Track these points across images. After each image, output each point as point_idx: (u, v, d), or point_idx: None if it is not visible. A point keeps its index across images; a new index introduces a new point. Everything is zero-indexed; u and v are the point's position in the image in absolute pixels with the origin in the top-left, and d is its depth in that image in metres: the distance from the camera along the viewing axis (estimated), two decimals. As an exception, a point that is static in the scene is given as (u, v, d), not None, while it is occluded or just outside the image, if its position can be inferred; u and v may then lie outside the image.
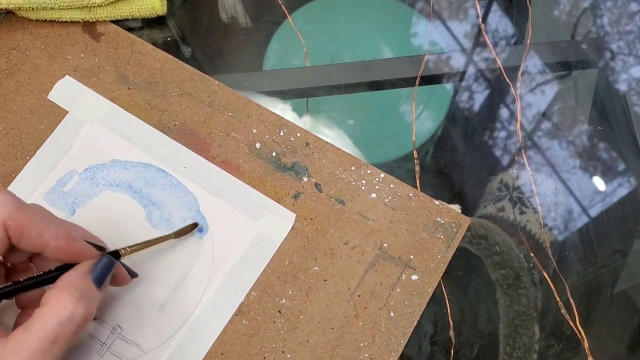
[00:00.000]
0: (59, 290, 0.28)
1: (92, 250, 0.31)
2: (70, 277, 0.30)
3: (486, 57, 0.45)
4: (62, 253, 0.30)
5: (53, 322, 0.27)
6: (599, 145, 0.43)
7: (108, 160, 0.40)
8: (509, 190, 0.41)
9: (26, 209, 0.29)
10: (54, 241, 0.30)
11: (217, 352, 0.36)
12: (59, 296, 0.28)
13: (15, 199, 0.30)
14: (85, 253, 0.31)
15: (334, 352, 0.37)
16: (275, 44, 0.45)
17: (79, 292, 0.29)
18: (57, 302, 0.28)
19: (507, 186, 0.41)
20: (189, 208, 0.39)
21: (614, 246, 0.40)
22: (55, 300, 0.28)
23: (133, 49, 0.43)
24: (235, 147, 0.41)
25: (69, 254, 0.30)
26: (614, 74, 0.44)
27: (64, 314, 0.28)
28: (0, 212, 0.29)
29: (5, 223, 0.29)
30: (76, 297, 0.28)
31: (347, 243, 0.39)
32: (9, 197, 0.29)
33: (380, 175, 0.40)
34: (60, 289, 0.28)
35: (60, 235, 0.30)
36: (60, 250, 0.30)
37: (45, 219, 0.30)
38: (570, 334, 0.38)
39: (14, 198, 0.30)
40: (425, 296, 0.38)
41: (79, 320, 0.28)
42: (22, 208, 0.29)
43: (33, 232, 0.29)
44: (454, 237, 0.39)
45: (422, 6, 0.46)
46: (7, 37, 0.43)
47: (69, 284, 0.29)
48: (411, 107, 0.43)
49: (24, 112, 0.41)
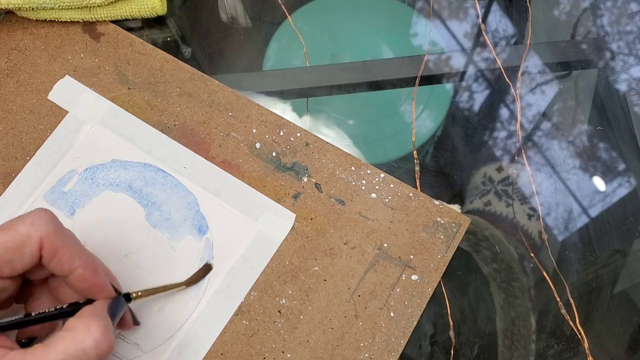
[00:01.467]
0: (86, 319, 0.28)
1: (110, 288, 0.32)
2: (94, 309, 0.30)
3: (486, 57, 0.45)
4: (84, 283, 0.30)
5: (77, 346, 0.27)
6: (599, 145, 0.43)
7: (108, 160, 0.40)
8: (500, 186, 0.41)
9: (63, 233, 0.30)
10: (81, 269, 0.30)
11: (217, 352, 0.36)
12: (86, 323, 0.28)
13: (56, 220, 0.30)
14: (104, 289, 0.31)
15: (334, 352, 0.37)
16: (275, 44, 0.45)
17: (105, 325, 0.29)
18: (85, 329, 0.28)
19: (508, 185, 0.41)
20: (189, 208, 0.39)
21: (614, 246, 0.40)
22: (83, 327, 0.28)
23: (133, 49, 0.43)
24: (235, 147, 0.41)
25: (89, 285, 0.30)
26: (614, 74, 0.44)
27: (89, 341, 0.27)
28: (40, 229, 0.29)
29: (42, 241, 0.29)
30: (103, 328, 0.28)
31: (347, 243, 0.39)
32: (50, 217, 0.30)
33: (380, 175, 0.40)
34: (89, 317, 0.28)
35: (89, 266, 0.30)
36: (84, 280, 0.30)
37: (78, 247, 0.30)
38: (570, 334, 0.38)
39: (54, 219, 0.30)
40: (425, 296, 0.38)
41: (103, 351, 0.28)
42: (61, 231, 0.30)
43: (65, 256, 0.29)
44: (453, 237, 0.39)
45: (422, 6, 0.46)
46: (7, 37, 0.43)
47: (96, 314, 0.29)
48: (411, 107, 0.43)
49: (24, 112, 0.41)
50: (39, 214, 0.29)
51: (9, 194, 0.39)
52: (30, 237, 0.29)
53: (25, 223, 0.29)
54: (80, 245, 0.31)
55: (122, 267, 0.38)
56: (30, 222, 0.29)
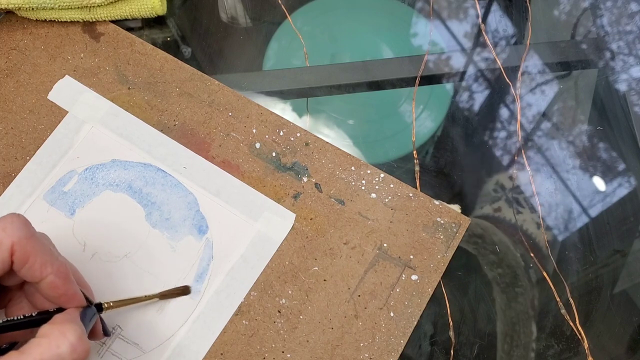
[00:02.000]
0: (61, 325, 0.28)
1: (81, 297, 0.31)
2: (67, 316, 0.29)
3: (486, 57, 0.45)
4: (55, 290, 0.30)
5: (52, 352, 0.27)
6: (599, 145, 0.43)
7: (108, 160, 0.40)
8: (505, 191, 0.41)
9: (36, 239, 0.29)
10: (53, 276, 0.29)
11: (217, 352, 0.36)
12: (61, 329, 0.28)
13: (28, 225, 0.29)
14: (76, 298, 0.31)
15: (334, 352, 0.37)
16: (275, 44, 0.45)
17: (80, 330, 0.28)
18: (59, 334, 0.27)
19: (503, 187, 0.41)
20: (189, 208, 0.39)
21: (614, 246, 0.40)
22: (57, 332, 0.27)
23: (133, 49, 0.43)
24: (235, 147, 0.41)
25: (61, 293, 0.30)
26: (614, 74, 0.44)
27: (64, 346, 0.27)
28: (12, 235, 0.28)
29: (13, 247, 0.28)
30: (79, 333, 0.28)
31: (347, 243, 0.39)
32: (22, 222, 0.29)
33: (380, 175, 0.40)
34: (63, 323, 0.28)
35: (61, 273, 0.30)
36: (55, 288, 0.30)
37: (50, 253, 0.30)
38: (570, 334, 0.38)
39: (27, 224, 0.29)
40: (425, 296, 0.38)
41: (79, 355, 0.28)
42: (33, 237, 0.29)
43: (37, 262, 0.29)
44: (453, 237, 0.39)
45: (422, 6, 0.46)
46: (7, 37, 0.43)
47: (70, 320, 0.29)
48: (411, 107, 0.43)
49: (24, 112, 0.41)
50: (11, 219, 0.29)
51: (9, 194, 0.39)
52: (1, 243, 0.28)
53: None
54: (53, 252, 0.30)
55: (122, 267, 0.38)
56: (2, 228, 0.28)
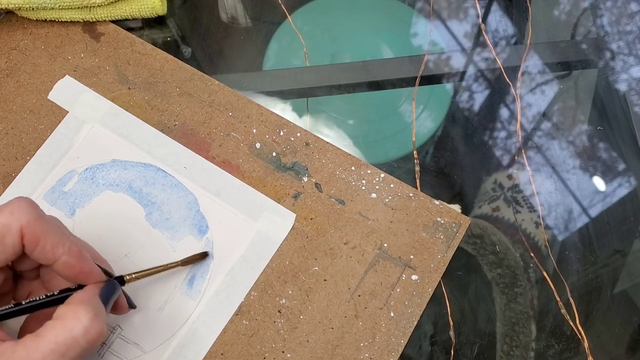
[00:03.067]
0: (75, 305, 0.28)
1: (99, 272, 0.31)
2: (83, 295, 0.30)
3: (486, 57, 0.45)
4: (70, 270, 0.30)
5: (66, 335, 0.27)
6: (599, 145, 0.43)
7: (108, 160, 0.40)
8: (505, 190, 0.41)
9: (44, 220, 0.29)
10: (66, 256, 0.29)
11: (217, 352, 0.36)
12: (75, 310, 0.28)
13: (36, 208, 0.29)
14: (93, 274, 0.31)
15: (334, 352, 0.37)
16: (275, 44, 0.45)
17: (94, 310, 0.28)
18: (73, 316, 0.28)
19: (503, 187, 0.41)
20: (189, 208, 0.39)
21: (614, 246, 0.40)
22: (71, 314, 0.28)
23: (133, 49, 0.43)
24: (235, 147, 0.41)
25: (77, 272, 0.30)
26: (614, 74, 0.44)
27: (78, 329, 0.27)
28: (20, 219, 0.28)
29: (22, 230, 0.28)
30: (92, 314, 0.28)
31: (347, 243, 0.39)
32: (30, 205, 0.29)
33: (380, 175, 0.40)
34: (77, 304, 0.28)
35: (73, 252, 0.30)
36: (70, 267, 0.30)
37: (61, 233, 0.30)
38: (570, 334, 0.38)
39: (34, 207, 0.29)
40: (425, 296, 0.38)
41: (93, 337, 0.28)
42: (42, 219, 0.29)
43: (48, 244, 0.29)
44: (454, 237, 0.39)
45: (422, 6, 0.46)
46: (7, 37, 0.43)
47: (85, 300, 0.29)
48: (411, 107, 0.43)
49: (24, 112, 0.41)
50: (18, 203, 0.29)
51: (9, 194, 0.39)
52: (10, 227, 0.28)
53: (4, 213, 0.28)
54: (64, 231, 0.30)
55: (122, 267, 0.38)
56: (9, 212, 0.28)
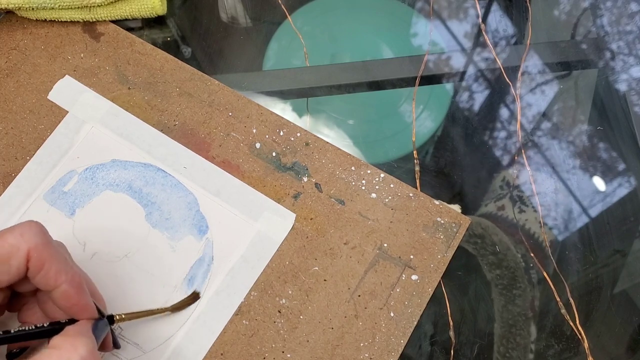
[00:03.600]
0: (72, 337, 0.28)
1: (93, 308, 0.31)
2: (79, 328, 0.30)
3: (486, 57, 0.45)
4: (67, 300, 0.30)
5: None
6: (599, 145, 0.43)
7: (108, 160, 0.40)
8: (510, 188, 0.41)
9: (52, 246, 0.29)
10: (66, 285, 0.29)
11: (217, 352, 0.36)
12: (73, 342, 0.28)
13: (46, 233, 0.30)
14: (87, 309, 0.31)
15: (334, 352, 0.37)
16: (275, 44, 0.45)
17: (92, 343, 0.28)
18: (71, 347, 0.27)
19: (509, 184, 0.41)
20: (189, 208, 0.39)
21: (614, 246, 0.40)
22: (69, 345, 0.28)
23: (133, 49, 0.43)
24: (235, 147, 0.41)
25: (73, 304, 0.30)
26: (614, 74, 0.44)
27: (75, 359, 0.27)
28: (29, 241, 0.28)
29: (30, 253, 0.28)
30: (91, 346, 0.28)
31: (347, 243, 0.39)
32: (40, 229, 0.29)
33: (380, 175, 0.40)
34: (75, 336, 0.28)
35: (75, 283, 0.30)
36: (68, 297, 0.30)
37: (66, 262, 0.30)
38: (570, 334, 0.38)
39: (44, 232, 0.29)
40: (425, 296, 0.38)
41: None
42: (49, 244, 0.29)
43: (52, 270, 0.29)
44: (454, 237, 0.39)
45: (422, 6, 0.46)
46: (7, 37, 0.43)
47: (82, 333, 0.29)
48: (411, 107, 0.43)
49: (24, 112, 0.41)
50: (29, 225, 0.29)
51: (9, 194, 0.39)
52: (18, 248, 0.28)
53: (14, 234, 0.28)
54: (68, 261, 0.30)
55: (122, 267, 0.38)
56: (20, 234, 0.28)
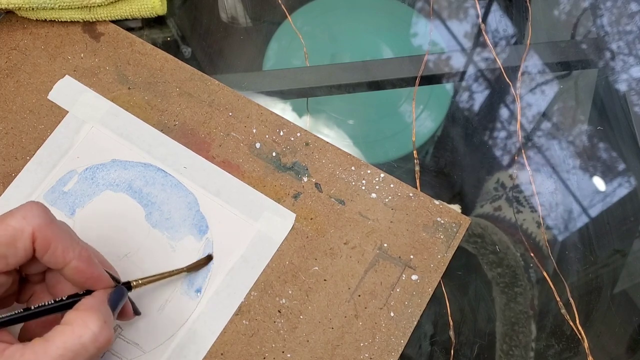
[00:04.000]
0: (84, 312, 0.28)
1: (107, 278, 0.31)
2: (93, 301, 0.30)
3: (486, 57, 0.45)
4: (80, 275, 0.30)
5: (75, 341, 0.27)
6: (599, 145, 0.43)
7: (108, 160, 0.40)
8: (509, 189, 0.41)
9: (56, 225, 0.29)
10: (76, 261, 0.29)
11: (217, 352, 0.36)
12: (84, 317, 0.28)
13: (48, 212, 0.30)
14: (102, 280, 0.31)
15: (334, 352, 0.37)
16: (275, 44, 0.45)
17: (103, 317, 0.29)
18: (82, 323, 0.28)
19: (509, 185, 0.41)
20: (189, 208, 0.39)
21: (614, 246, 0.40)
22: (80, 321, 0.28)
23: (133, 49, 0.43)
24: (235, 147, 0.41)
25: (86, 277, 0.30)
26: (614, 74, 0.44)
27: (87, 335, 0.27)
28: (32, 222, 0.29)
29: (34, 234, 0.29)
30: (102, 321, 0.28)
31: (347, 243, 0.39)
32: (42, 209, 0.29)
33: (380, 175, 0.40)
34: (86, 311, 0.28)
35: (83, 257, 0.30)
36: (79, 272, 0.30)
37: (71, 238, 0.30)
38: (570, 334, 0.38)
39: (46, 211, 0.30)
40: (425, 296, 0.38)
41: (101, 344, 0.28)
42: (53, 223, 0.29)
43: (58, 248, 0.29)
44: (454, 237, 0.39)
45: (422, 6, 0.46)
46: (7, 37, 0.43)
47: (94, 307, 0.29)
48: (411, 107, 0.43)
49: (24, 112, 0.41)
50: (30, 207, 0.29)
51: (9, 194, 0.39)
52: (22, 230, 0.28)
53: (17, 217, 0.29)
54: (74, 237, 0.30)
55: (122, 267, 0.37)
56: (22, 216, 0.29)
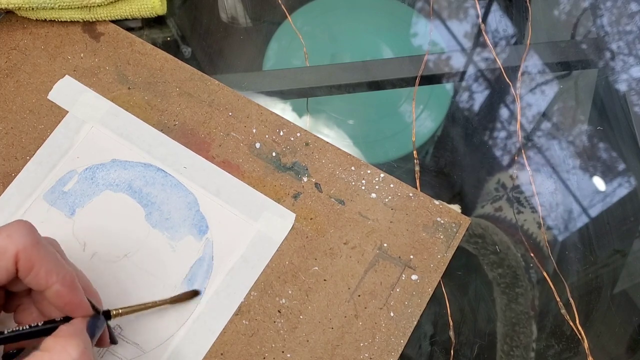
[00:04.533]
0: (64, 339, 0.28)
1: (88, 306, 0.31)
2: (72, 328, 0.29)
3: (486, 57, 0.45)
4: (60, 300, 0.29)
5: None
6: (599, 145, 0.43)
7: (108, 160, 0.40)
8: (505, 191, 0.41)
9: (41, 246, 0.29)
10: (58, 285, 0.29)
11: (217, 352, 0.36)
12: (63, 343, 0.27)
13: (35, 233, 0.29)
14: (82, 307, 0.30)
15: (334, 352, 0.37)
16: (275, 44, 0.45)
17: (83, 344, 0.28)
18: (62, 349, 0.27)
19: (509, 185, 0.41)
20: (189, 208, 0.39)
21: (614, 246, 0.40)
22: (60, 347, 0.27)
23: (133, 49, 0.43)
24: (235, 147, 0.41)
25: (65, 302, 0.29)
26: (614, 74, 0.44)
27: None
28: (17, 242, 0.28)
29: (18, 255, 0.28)
30: (82, 348, 0.28)
31: (347, 243, 0.39)
32: (28, 229, 0.29)
33: (380, 175, 0.40)
34: (66, 337, 0.28)
35: (66, 282, 0.29)
36: (60, 297, 0.29)
37: (57, 261, 0.29)
38: (570, 334, 0.38)
39: (33, 231, 0.29)
40: (425, 296, 0.38)
41: None
42: (39, 244, 0.29)
43: (42, 271, 0.28)
44: (453, 237, 0.39)
45: (422, 6, 0.46)
46: (7, 37, 0.43)
47: (74, 334, 0.28)
48: (411, 107, 0.43)
49: (24, 112, 0.41)
50: (17, 226, 0.28)
51: (9, 194, 0.39)
52: (5, 250, 0.28)
53: (1, 236, 0.28)
54: (59, 260, 0.30)
55: (122, 267, 0.38)
56: (7, 235, 0.28)
